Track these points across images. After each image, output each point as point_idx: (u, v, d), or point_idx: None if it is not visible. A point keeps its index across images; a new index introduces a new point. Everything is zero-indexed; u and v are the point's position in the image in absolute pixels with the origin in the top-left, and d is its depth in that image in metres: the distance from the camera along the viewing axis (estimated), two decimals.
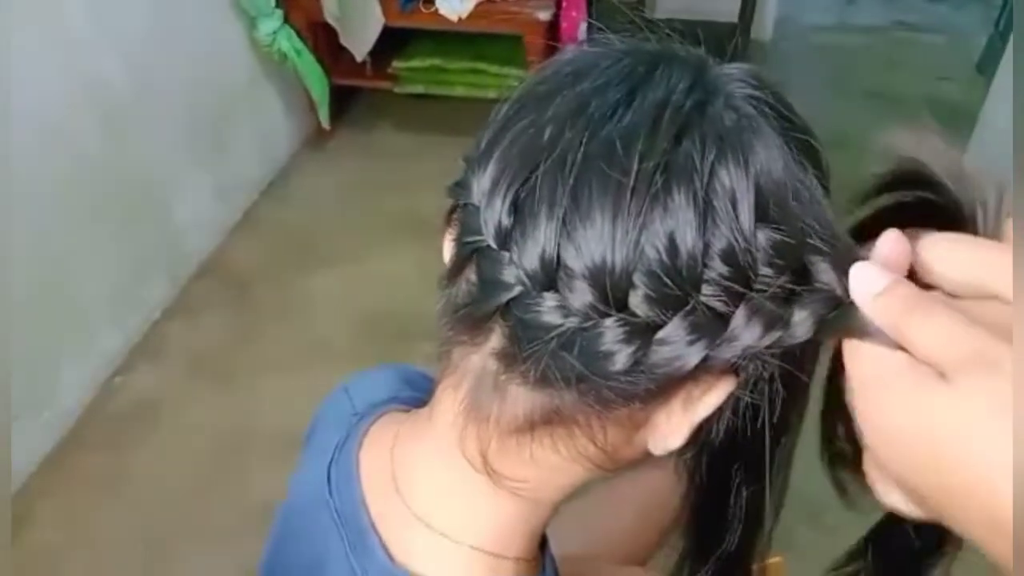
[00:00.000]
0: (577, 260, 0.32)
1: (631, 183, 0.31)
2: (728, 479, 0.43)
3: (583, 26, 2.05)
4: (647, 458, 0.39)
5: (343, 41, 2.11)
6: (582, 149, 0.33)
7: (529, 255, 0.33)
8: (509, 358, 0.35)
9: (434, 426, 0.41)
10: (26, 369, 1.44)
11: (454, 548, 0.41)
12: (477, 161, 0.35)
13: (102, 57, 1.54)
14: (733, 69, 0.36)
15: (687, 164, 0.32)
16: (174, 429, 1.57)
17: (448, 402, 0.39)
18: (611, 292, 0.32)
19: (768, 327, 0.32)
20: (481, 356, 0.36)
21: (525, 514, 0.41)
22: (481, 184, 0.34)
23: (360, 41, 2.11)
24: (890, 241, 0.32)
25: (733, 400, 0.36)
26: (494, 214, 0.34)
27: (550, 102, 0.35)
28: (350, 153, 2.30)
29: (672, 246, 0.31)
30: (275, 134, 2.21)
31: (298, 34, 2.01)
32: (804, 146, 0.34)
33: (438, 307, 0.37)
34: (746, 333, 0.32)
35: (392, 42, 2.15)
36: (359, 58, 2.15)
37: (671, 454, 0.39)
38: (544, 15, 1.99)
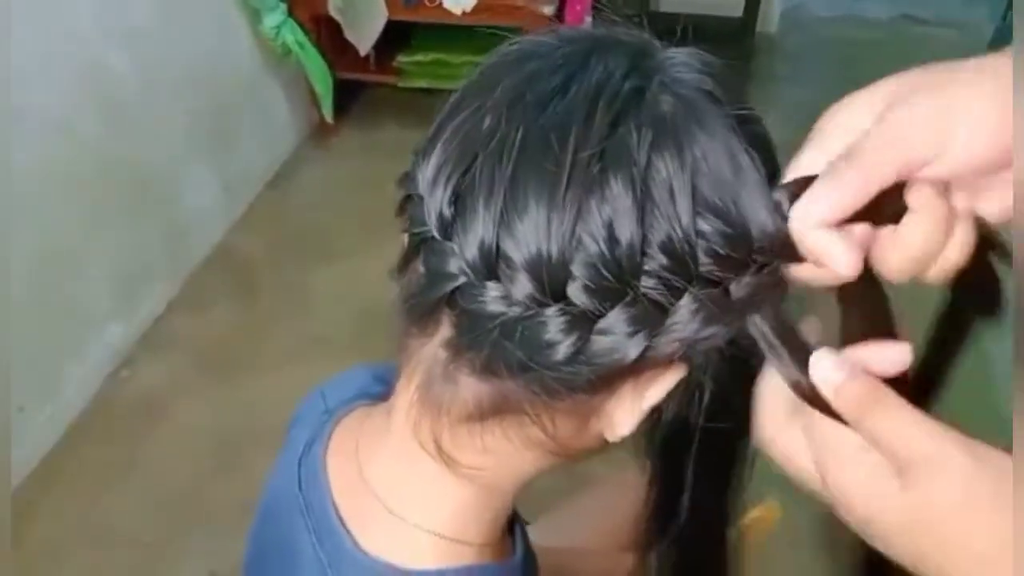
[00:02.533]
0: (516, 250, 0.32)
1: (565, 172, 0.31)
2: (688, 465, 0.43)
3: (587, 20, 2.04)
4: (604, 445, 0.40)
5: (347, 35, 2.11)
6: (518, 139, 0.33)
7: (469, 246, 0.33)
8: (457, 348, 0.35)
9: (393, 417, 0.42)
10: (31, 362, 1.45)
11: (418, 535, 0.42)
12: (423, 152, 0.35)
13: (106, 49, 1.54)
14: (677, 53, 0.35)
15: (623, 152, 0.32)
16: (178, 422, 1.58)
17: (404, 393, 0.40)
18: (549, 283, 0.32)
19: (709, 320, 0.32)
20: (432, 347, 0.37)
21: (485, 500, 0.42)
22: (425, 175, 0.35)
23: (364, 35, 2.10)
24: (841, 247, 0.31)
25: (685, 386, 0.37)
26: (436, 205, 0.34)
27: (491, 91, 0.35)
28: (353, 147, 2.29)
29: (610, 236, 0.31)
30: (279, 128, 2.21)
31: (302, 28, 2.01)
32: (751, 132, 0.34)
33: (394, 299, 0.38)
34: (687, 325, 0.32)
35: (396, 36, 2.15)
36: (363, 52, 2.14)
37: (629, 441, 0.39)
38: (548, 9, 1.98)
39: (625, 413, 0.37)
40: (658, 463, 0.44)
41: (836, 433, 0.31)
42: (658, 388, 0.36)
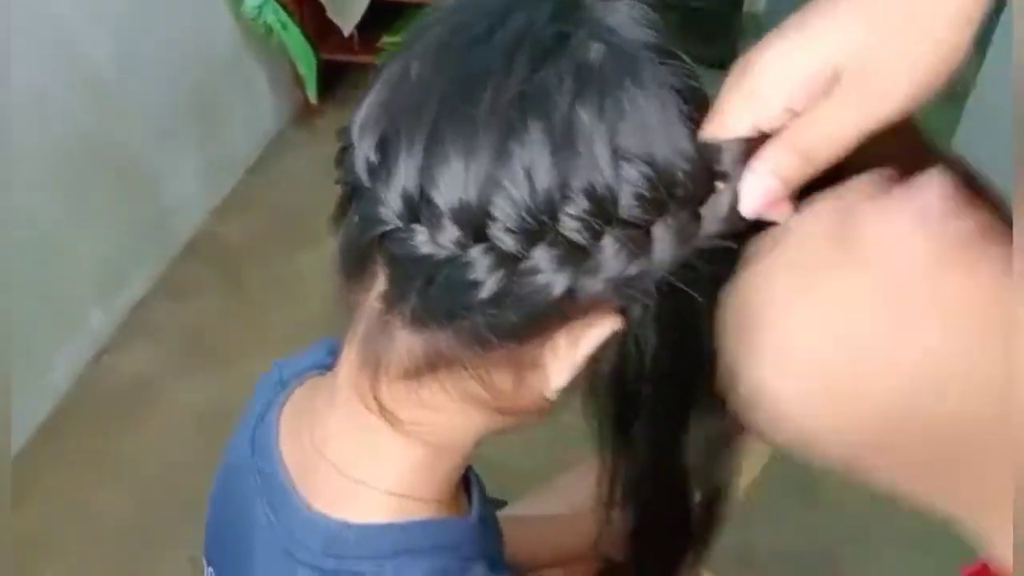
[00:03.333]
0: (438, 194, 0.33)
1: (483, 117, 0.32)
2: (637, 423, 0.43)
3: None
4: (548, 404, 0.40)
5: (330, 15, 2.08)
6: (440, 85, 0.33)
7: (394, 191, 0.33)
8: (390, 299, 0.36)
9: (339, 378, 0.42)
10: (14, 347, 1.43)
11: (367, 492, 0.42)
12: (357, 102, 0.36)
13: (85, 31, 1.51)
14: (614, 5, 0.35)
15: (542, 97, 0.32)
16: (163, 407, 1.57)
17: (347, 352, 0.40)
18: (471, 225, 0.32)
19: (633, 256, 0.33)
20: (370, 300, 0.37)
21: (433, 458, 0.42)
22: (356, 124, 0.35)
23: (347, 15, 2.07)
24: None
25: (622, 339, 0.37)
26: (363, 152, 0.35)
27: (421, 40, 0.35)
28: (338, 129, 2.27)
29: (529, 180, 0.32)
30: (262, 111, 2.18)
31: (284, 8, 1.97)
32: (683, 83, 0.34)
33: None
34: (610, 263, 0.33)
35: (381, 16, 2.12)
36: (346, 32, 2.11)
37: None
38: None
39: (559, 365, 0.37)
40: (606, 424, 0.44)
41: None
42: (590, 338, 0.37)
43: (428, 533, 0.43)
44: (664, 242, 0.33)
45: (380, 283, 0.36)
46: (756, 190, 0.32)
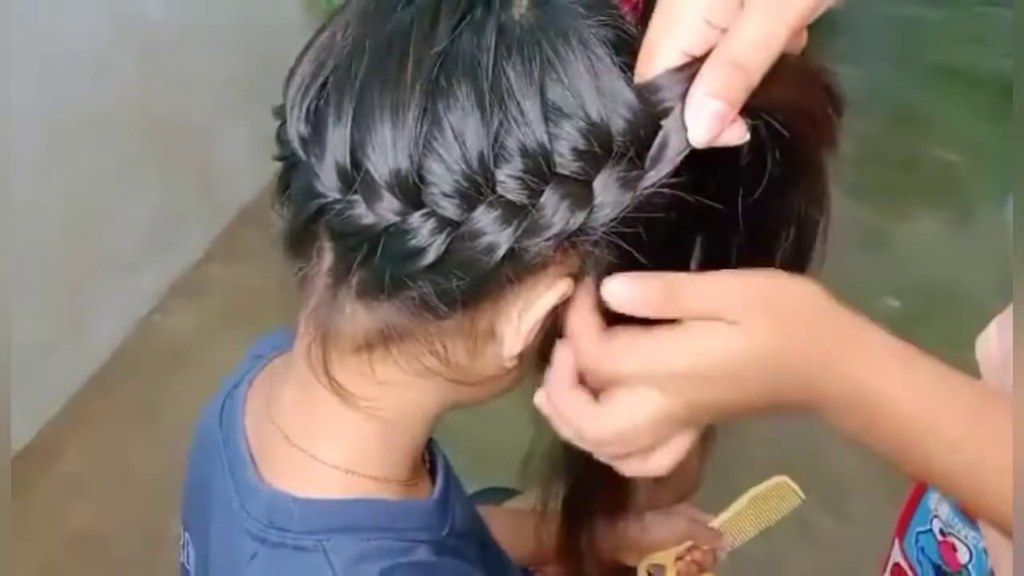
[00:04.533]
0: (371, 163, 0.32)
1: (408, 80, 0.31)
2: None
3: None
4: (507, 375, 0.40)
5: None
6: (365, 50, 0.33)
7: (327, 164, 0.33)
8: (336, 273, 0.35)
9: (295, 352, 0.42)
10: (67, 299, 1.47)
11: (318, 467, 0.42)
12: (288, 75, 0.35)
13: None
14: None
15: (467, 57, 0.32)
16: (204, 369, 1.59)
17: (302, 326, 0.40)
18: (406, 191, 0.32)
19: (574, 210, 0.32)
20: (319, 276, 0.36)
21: (387, 434, 0.42)
22: (287, 97, 0.34)
23: None
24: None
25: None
26: (294, 125, 0.34)
27: (349, 6, 0.34)
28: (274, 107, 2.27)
29: (460, 143, 0.31)
30: None
31: None
32: (613, 34, 0.33)
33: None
34: (552, 219, 0.32)
35: None
36: None
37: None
38: None
39: (513, 332, 0.37)
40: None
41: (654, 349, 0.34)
42: (543, 302, 0.36)
43: (372, 512, 0.42)
44: (607, 193, 0.32)
45: (327, 258, 0.36)
46: (702, 116, 0.30)
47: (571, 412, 0.36)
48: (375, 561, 0.40)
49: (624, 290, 0.33)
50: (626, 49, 0.33)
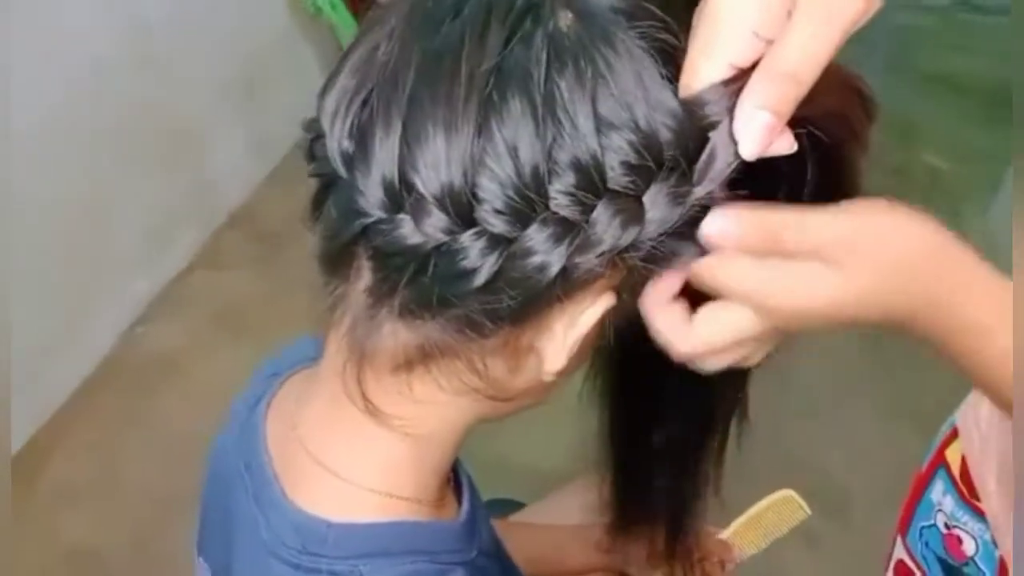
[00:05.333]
0: (420, 179, 0.31)
1: (461, 95, 0.30)
2: (642, 410, 0.43)
3: None
4: (543, 389, 0.39)
5: None
6: (412, 64, 0.32)
7: (373, 180, 0.32)
8: (377, 292, 0.34)
9: (322, 371, 0.41)
10: (54, 307, 1.46)
11: (348, 489, 0.41)
12: (324, 89, 0.34)
13: (142, 2, 1.52)
14: None
15: (519, 70, 0.31)
16: (192, 380, 1.59)
17: (333, 346, 0.39)
18: (458, 209, 0.31)
19: (626, 226, 0.32)
20: (356, 294, 0.35)
21: (419, 453, 0.41)
22: (326, 112, 0.33)
23: None
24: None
25: (620, 316, 0.36)
26: (335, 141, 0.33)
27: (388, 18, 0.33)
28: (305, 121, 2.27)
29: (513, 158, 0.31)
30: (309, 88, 2.17)
31: None
32: (661, 42, 0.32)
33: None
34: (604, 236, 0.32)
35: None
36: None
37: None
38: None
39: (556, 347, 0.36)
40: (608, 401, 0.43)
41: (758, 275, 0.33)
42: (588, 317, 0.35)
43: (406, 535, 0.41)
44: (657, 208, 0.32)
45: (365, 276, 0.35)
46: (752, 128, 0.30)
47: (663, 326, 0.36)
48: None
49: (725, 225, 0.32)
50: (671, 60, 0.32)
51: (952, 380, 0.40)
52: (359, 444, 0.41)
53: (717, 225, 0.32)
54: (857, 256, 0.33)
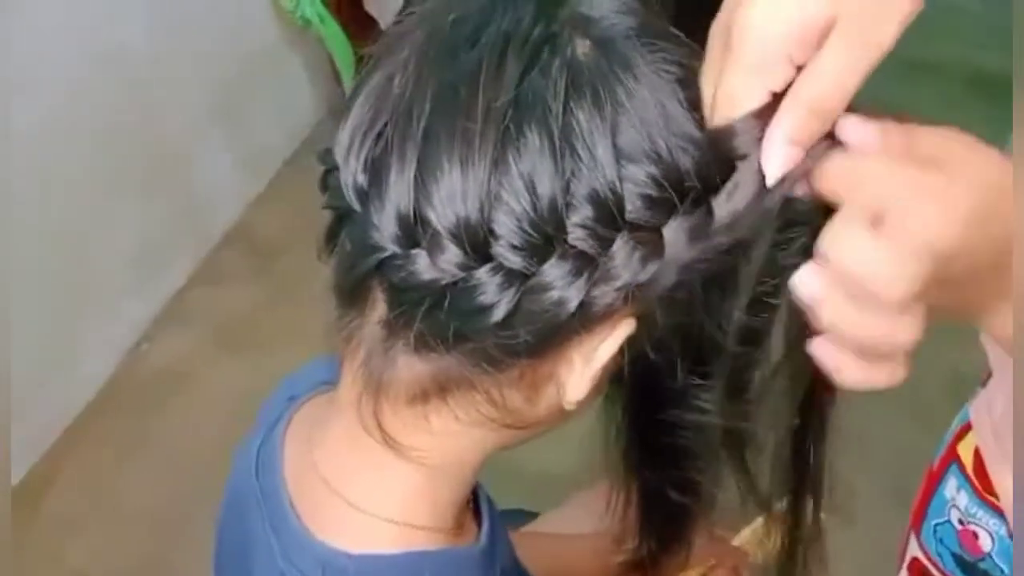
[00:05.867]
0: (435, 214, 0.31)
1: (477, 127, 0.30)
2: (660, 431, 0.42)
3: None
4: (562, 415, 0.39)
5: (368, 7, 2.08)
6: (428, 96, 0.31)
7: (387, 215, 0.31)
8: (391, 325, 0.34)
9: (339, 401, 0.41)
10: (51, 334, 1.45)
11: (366, 520, 0.40)
12: (338, 120, 0.34)
13: (120, 18, 1.52)
14: None
15: (537, 102, 0.30)
16: (198, 396, 1.58)
17: (348, 376, 0.38)
18: (474, 244, 0.31)
19: (645, 261, 0.31)
20: (371, 327, 0.35)
21: (437, 483, 0.41)
22: (340, 144, 0.33)
23: (386, 7, 2.07)
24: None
25: (641, 343, 0.36)
26: (350, 174, 0.32)
27: (401, 49, 0.33)
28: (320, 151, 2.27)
29: (530, 191, 0.30)
30: (299, 103, 2.18)
31: (322, 1, 1.97)
32: (678, 68, 0.32)
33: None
34: (622, 270, 0.31)
35: None
36: (384, 25, 2.11)
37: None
38: None
39: (576, 377, 0.36)
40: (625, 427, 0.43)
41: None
42: (607, 346, 0.35)
43: (426, 565, 0.41)
44: (677, 243, 0.31)
45: (380, 308, 0.34)
46: (778, 162, 0.30)
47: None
48: None
49: (864, 133, 0.30)
50: (691, 82, 0.32)
51: (959, 376, 0.39)
52: (376, 474, 0.41)
53: (857, 135, 0.30)
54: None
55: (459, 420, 0.37)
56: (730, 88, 0.30)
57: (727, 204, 0.31)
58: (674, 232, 0.31)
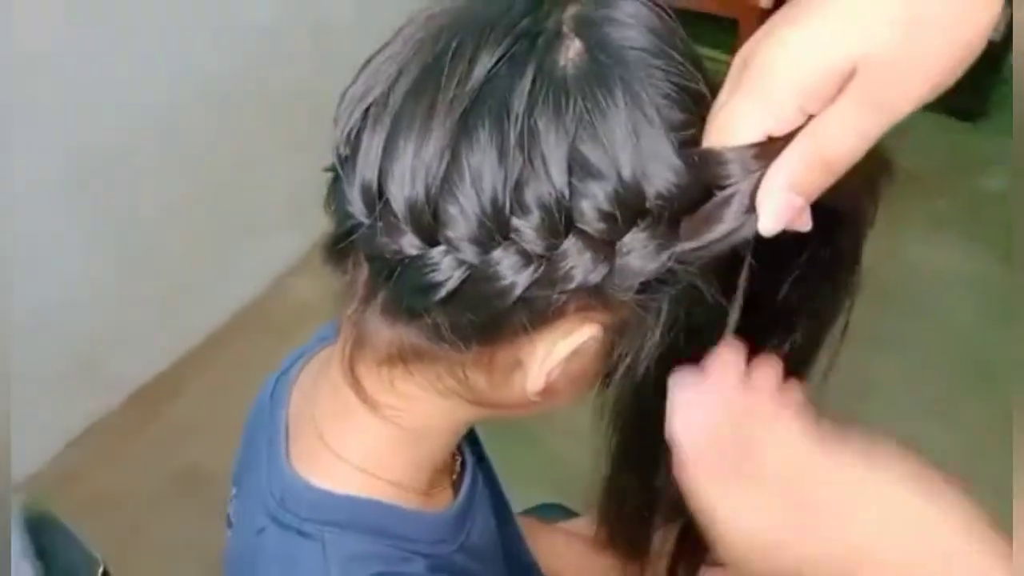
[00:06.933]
0: (392, 192, 0.31)
1: (439, 110, 0.30)
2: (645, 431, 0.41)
3: None
4: (542, 403, 0.39)
5: None
6: (410, 75, 0.31)
7: (355, 186, 0.32)
8: (367, 287, 0.35)
9: (333, 353, 0.42)
10: (207, 249, 1.57)
11: (337, 463, 0.42)
12: (343, 92, 0.35)
13: None
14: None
15: (497, 101, 0.30)
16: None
17: (344, 329, 0.40)
18: (418, 226, 0.31)
19: (593, 268, 0.31)
20: (358, 285, 0.36)
21: (404, 441, 0.42)
22: (336, 112, 0.34)
23: None
24: None
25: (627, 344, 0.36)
26: (338, 144, 0.34)
27: (408, 24, 0.34)
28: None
29: (476, 186, 0.30)
30: None
31: None
32: (677, 90, 0.31)
33: None
34: (569, 274, 0.31)
35: None
36: None
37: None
38: (765, 2, 1.88)
39: (535, 369, 0.36)
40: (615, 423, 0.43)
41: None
42: (561, 347, 0.35)
43: (379, 515, 0.42)
44: (634, 255, 0.31)
45: (364, 269, 0.36)
46: (779, 208, 0.29)
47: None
48: (367, 564, 0.41)
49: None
50: (689, 105, 0.31)
51: (974, 375, 0.37)
52: (351, 423, 0.42)
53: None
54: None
55: (424, 388, 0.38)
56: (731, 117, 0.30)
57: (700, 228, 0.31)
58: (630, 244, 0.31)
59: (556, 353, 0.36)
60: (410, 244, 0.32)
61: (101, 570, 0.54)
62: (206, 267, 1.60)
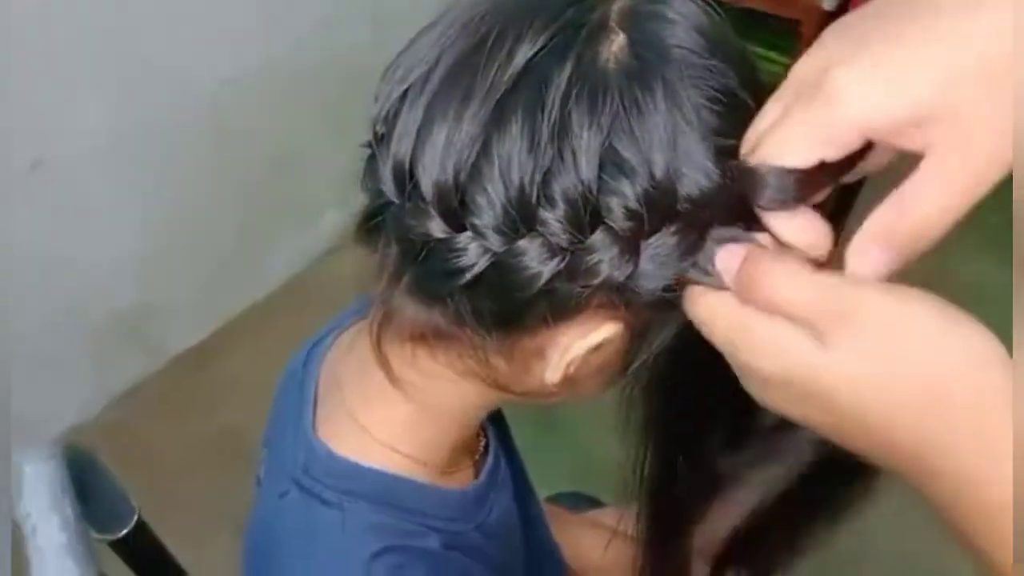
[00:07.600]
0: (422, 174, 0.31)
1: (475, 95, 0.30)
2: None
3: None
4: (566, 392, 0.39)
5: None
6: (450, 59, 0.31)
7: (387, 165, 0.32)
8: (397, 264, 0.35)
9: (364, 327, 0.43)
10: (255, 224, 1.61)
11: (361, 434, 0.43)
12: (386, 69, 0.35)
13: None
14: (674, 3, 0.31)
15: (533, 92, 0.29)
16: None
17: (375, 304, 0.40)
18: (445, 210, 0.31)
19: (616, 263, 0.30)
20: (390, 260, 0.36)
21: (424, 418, 0.43)
22: (377, 90, 0.34)
23: None
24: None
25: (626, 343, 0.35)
26: (376, 121, 0.34)
27: (456, 7, 0.33)
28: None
29: (504, 175, 0.30)
30: None
31: None
32: (721, 95, 0.30)
33: None
34: (593, 269, 0.31)
35: None
36: None
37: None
38: (828, 4, 1.84)
39: (555, 361, 0.36)
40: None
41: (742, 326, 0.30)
42: (585, 341, 0.35)
43: (398, 489, 0.43)
44: (659, 257, 0.31)
45: (394, 248, 0.36)
46: (868, 264, 0.28)
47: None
48: (382, 536, 0.41)
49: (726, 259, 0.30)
50: (733, 108, 0.31)
51: None
52: (377, 397, 0.43)
53: (721, 257, 0.30)
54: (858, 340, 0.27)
55: (445, 368, 0.39)
56: (785, 137, 0.28)
57: (728, 238, 0.31)
58: (656, 245, 0.31)
59: (576, 347, 0.36)
60: (437, 227, 0.32)
61: (136, 516, 0.57)
62: (254, 242, 1.64)
